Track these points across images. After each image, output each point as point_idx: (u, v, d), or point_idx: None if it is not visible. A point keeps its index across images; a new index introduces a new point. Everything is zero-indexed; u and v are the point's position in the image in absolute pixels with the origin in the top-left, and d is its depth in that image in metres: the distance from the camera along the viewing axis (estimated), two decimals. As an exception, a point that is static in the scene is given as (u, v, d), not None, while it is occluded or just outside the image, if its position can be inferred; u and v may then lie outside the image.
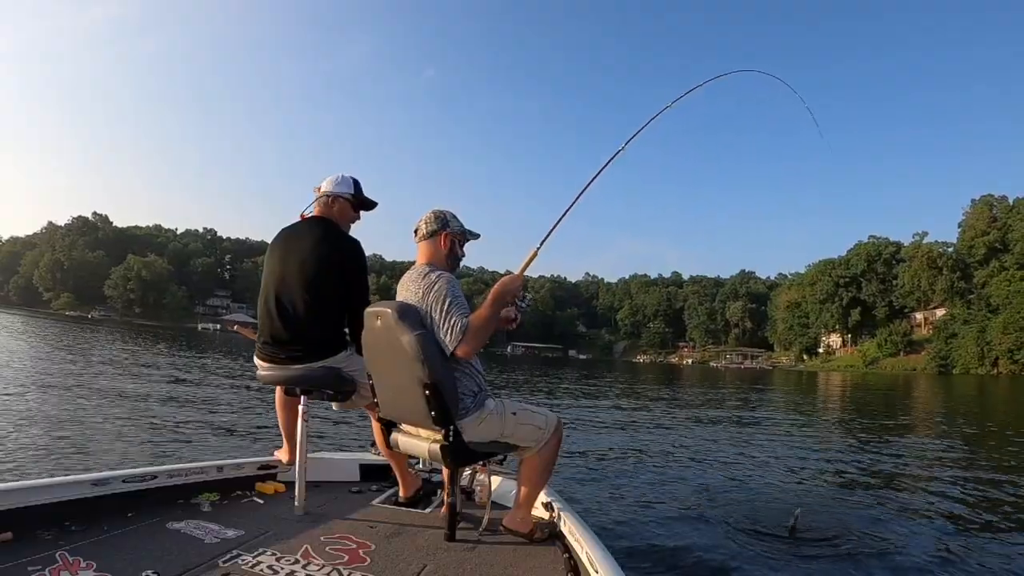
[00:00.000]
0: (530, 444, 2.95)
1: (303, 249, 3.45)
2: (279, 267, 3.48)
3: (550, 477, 3.12)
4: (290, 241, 3.55)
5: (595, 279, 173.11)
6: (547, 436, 2.96)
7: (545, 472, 3.02)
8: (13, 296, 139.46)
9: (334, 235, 3.54)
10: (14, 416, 9.26)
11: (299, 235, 3.55)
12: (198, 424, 10.31)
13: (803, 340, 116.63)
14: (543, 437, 2.95)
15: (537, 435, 2.94)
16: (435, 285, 2.84)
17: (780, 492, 7.54)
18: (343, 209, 3.62)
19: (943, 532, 5.95)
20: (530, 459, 3.00)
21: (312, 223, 3.59)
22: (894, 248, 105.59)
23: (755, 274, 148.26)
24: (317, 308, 3.41)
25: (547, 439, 2.96)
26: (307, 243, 3.46)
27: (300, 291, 3.39)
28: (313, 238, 3.48)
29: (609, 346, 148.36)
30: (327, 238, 3.48)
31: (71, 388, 13.31)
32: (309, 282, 3.38)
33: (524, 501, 3.04)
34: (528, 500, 3.05)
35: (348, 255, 3.53)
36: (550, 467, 3.05)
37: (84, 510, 2.85)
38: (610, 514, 6.22)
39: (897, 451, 11.53)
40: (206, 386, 16.87)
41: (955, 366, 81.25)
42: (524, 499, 3.04)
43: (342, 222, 3.63)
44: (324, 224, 3.56)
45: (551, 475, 3.11)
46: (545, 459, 2.99)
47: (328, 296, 3.43)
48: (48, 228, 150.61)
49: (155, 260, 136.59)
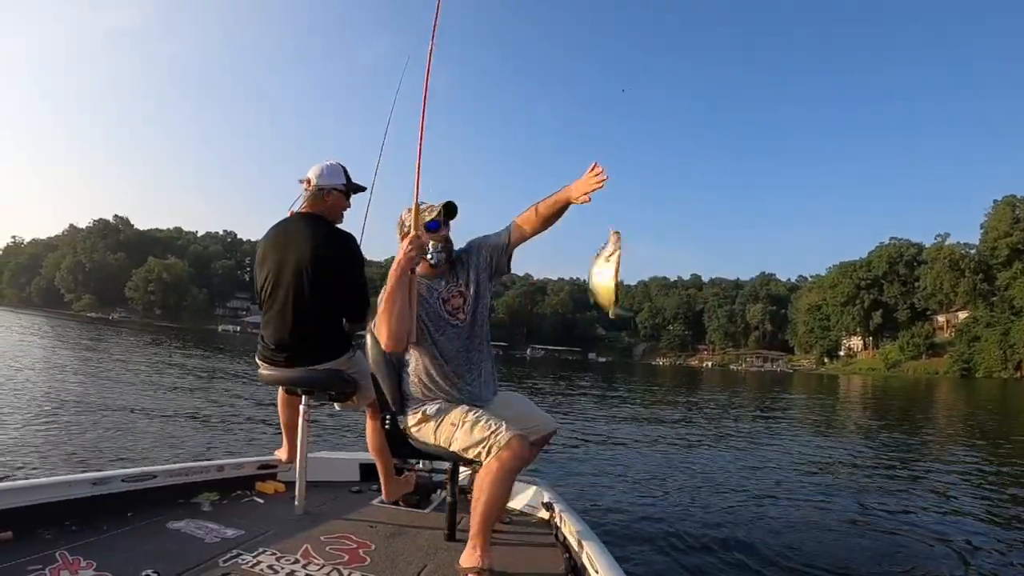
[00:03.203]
0: (470, 456, 2.66)
1: (299, 251, 3.35)
2: (276, 269, 3.39)
3: (499, 504, 2.60)
4: (284, 241, 3.43)
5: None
6: (491, 451, 2.53)
7: (492, 496, 2.51)
8: (35, 298, 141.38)
9: (330, 234, 3.46)
10: (15, 415, 9.36)
11: (293, 235, 3.43)
12: (199, 423, 10.38)
13: (824, 343, 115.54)
14: (482, 452, 2.57)
15: (476, 450, 2.60)
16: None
17: (788, 500, 7.34)
18: (337, 201, 3.52)
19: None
20: (479, 476, 2.59)
21: (306, 221, 3.46)
22: (916, 250, 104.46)
23: (775, 276, 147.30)
24: (318, 312, 3.37)
25: (493, 454, 2.52)
26: (303, 244, 3.36)
27: (299, 295, 3.34)
28: (309, 239, 3.38)
29: (629, 349, 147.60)
30: (324, 238, 3.40)
31: (76, 387, 13.48)
32: (308, 286, 3.32)
33: (474, 532, 2.54)
34: (478, 531, 2.53)
35: (346, 254, 3.47)
36: (495, 491, 2.51)
37: (84, 509, 2.85)
38: (611, 515, 6.17)
39: (922, 461, 11.19)
40: (210, 386, 16.99)
41: (978, 369, 79.95)
42: (474, 529, 2.55)
43: (335, 215, 3.54)
44: (318, 222, 3.46)
45: (501, 501, 2.60)
46: (488, 480, 2.51)
47: (328, 299, 3.39)
48: (69, 231, 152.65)
49: (175, 262, 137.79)
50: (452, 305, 2.90)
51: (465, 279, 2.95)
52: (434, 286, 2.91)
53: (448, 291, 2.92)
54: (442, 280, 2.93)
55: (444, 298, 2.91)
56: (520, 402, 3.14)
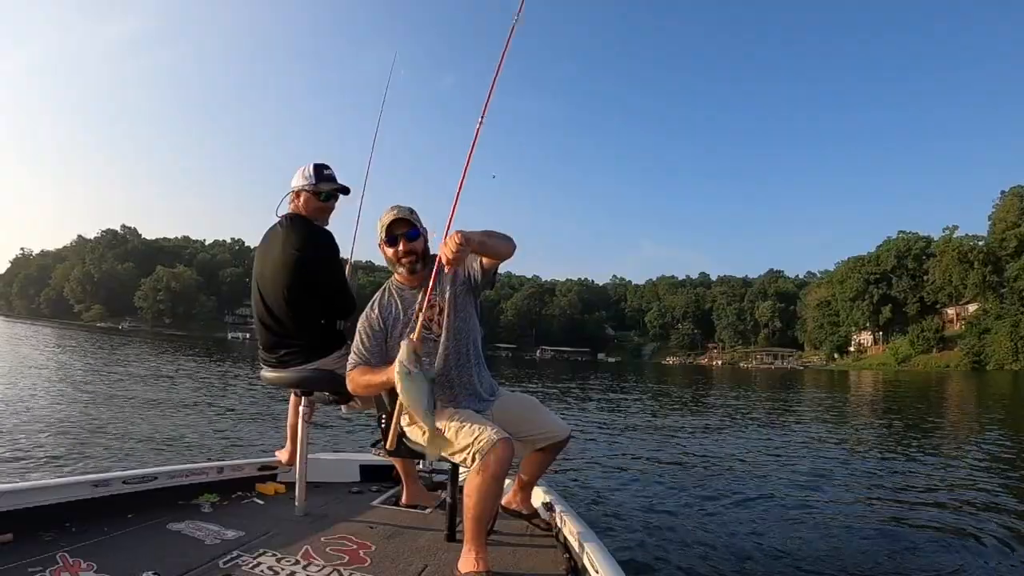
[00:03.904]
0: (456, 460, 2.66)
1: (274, 252, 3.43)
2: (259, 273, 3.49)
3: (491, 507, 2.58)
4: (266, 245, 3.53)
5: (623, 281, 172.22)
6: (475, 458, 2.48)
7: (481, 501, 2.47)
8: (44, 309, 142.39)
9: (305, 234, 3.45)
10: (17, 419, 9.44)
11: (273, 239, 3.50)
12: (199, 425, 10.43)
13: (834, 339, 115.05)
14: (467, 458, 2.53)
15: (460, 455, 2.56)
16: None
17: (790, 501, 7.20)
18: (307, 201, 3.52)
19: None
20: (467, 482, 2.53)
21: (282, 222, 3.52)
22: (924, 243, 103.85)
23: (784, 273, 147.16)
24: (296, 310, 3.41)
25: (478, 460, 2.47)
26: (277, 246, 3.44)
27: (278, 295, 3.39)
28: (281, 239, 3.44)
29: (638, 348, 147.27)
30: (293, 236, 3.42)
31: (78, 392, 13.60)
32: (284, 285, 3.37)
33: (469, 536, 2.53)
34: (473, 535, 2.51)
35: (322, 254, 3.48)
36: (484, 495, 2.47)
37: (85, 511, 2.87)
38: (612, 515, 6.17)
39: (935, 456, 10.99)
40: (212, 389, 17.11)
41: (988, 362, 79.42)
42: (469, 535, 2.53)
43: (314, 215, 3.55)
44: (291, 221, 3.49)
45: (491, 504, 2.57)
46: (475, 485, 2.46)
47: (309, 298, 3.41)
48: (78, 241, 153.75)
49: (183, 271, 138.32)
50: (426, 317, 2.79)
51: (440, 290, 2.85)
52: (407, 302, 2.87)
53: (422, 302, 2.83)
54: (418, 291, 2.85)
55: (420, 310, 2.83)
56: (526, 406, 3.03)
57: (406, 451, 2.89)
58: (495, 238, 2.67)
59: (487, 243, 2.64)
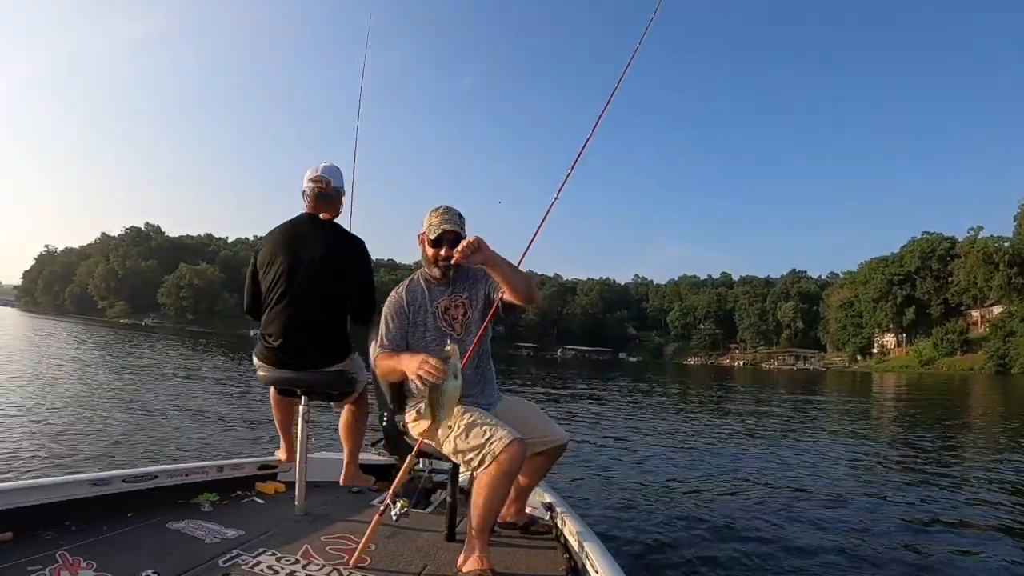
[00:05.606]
0: (463, 461, 2.64)
1: (313, 252, 3.38)
2: (288, 270, 3.37)
3: (498, 507, 2.61)
4: (296, 242, 3.42)
5: (644, 281, 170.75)
6: (485, 460, 2.51)
7: (490, 500, 2.51)
8: (69, 305, 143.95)
9: (344, 236, 3.50)
10: (19, 417, 9.52)
11: (305, 236, 3.43)
12: (199, 424, 10.47)
13: (856, 340, 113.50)
14: (474, 459, 2.55)
15: (470, 455, 2.57)
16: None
17: (792, 502, 7.21)
18: (342, 203, 3.57)
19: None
20: (477, 480, 2.57)
21: (317, 222, 3.49)
22: (949, 244, 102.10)
23: (806, 274, 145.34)
24: (328, 314, 3.41)
25: (489, 461, 2.50)
26: (318, 246, 3.39)
27: (312, 297, 3.36)
28: (323, 241, 3.41)
29: (659, 348, 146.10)
30: (338, 240, 3.44)
31: (82, 390, 13.71)
32: (321, 288, 3.36)
33: (473, 535, 2.54)
34: (477, 534, 2.53)
35: (359, 257, 3.52)
36: (493, 495, 2.51)
37: (84, 510, 2.89)
38: (612, 516, 6.16)
39: (957, 464, 10.75)
40: (214, 387, 17.14)
41: (1013, 365, 77.84)
42: (473, 532, 2.54)
43: (337, 215, 3.57)
44: (329, 224, 3.50)
45: (499, 504, 2.60)
46: (486, 483, 2.50)
47: (339, 301, 3.43)
48: (102, 239, 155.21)
49: (206, 268, 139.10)
50: (450, 315, 2.90)
51: (472, 293, 2.94)
52: (435, 294, 2.93)
53: (451, 300, 2.93)
54: (447, 289, 2.94)
55: (444, 307, 2.92)
56: (526, 410, 3.07)
57: (408, 449, 2.89)
58: (512, 268, 2.67)
59: (499, 264, 2.62)
